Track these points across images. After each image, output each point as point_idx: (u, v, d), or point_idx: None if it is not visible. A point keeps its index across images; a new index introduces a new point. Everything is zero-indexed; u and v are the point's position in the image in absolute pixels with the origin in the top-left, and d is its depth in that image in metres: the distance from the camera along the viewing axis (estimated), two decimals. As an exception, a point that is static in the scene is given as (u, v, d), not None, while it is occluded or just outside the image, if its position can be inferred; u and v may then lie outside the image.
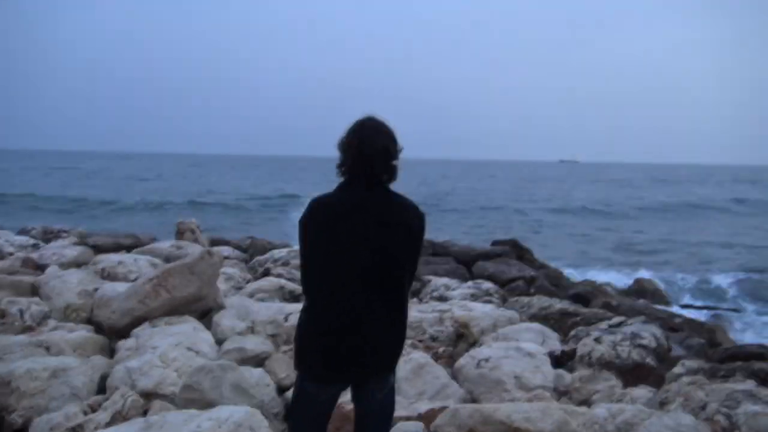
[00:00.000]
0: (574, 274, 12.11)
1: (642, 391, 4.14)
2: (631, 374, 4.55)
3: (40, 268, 7.17)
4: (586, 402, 4.08)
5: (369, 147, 2.29)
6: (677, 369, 4.32)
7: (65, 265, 7.32)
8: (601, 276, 13.24)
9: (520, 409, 3.35)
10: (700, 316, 9.82)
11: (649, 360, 4.66)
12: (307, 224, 2.35)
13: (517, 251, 10.11)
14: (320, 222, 2.31)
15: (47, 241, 9.29)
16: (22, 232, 10.20)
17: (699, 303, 11.98)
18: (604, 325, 5.37)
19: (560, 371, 4.49)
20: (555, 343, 5.03)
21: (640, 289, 11.56)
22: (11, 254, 7.92)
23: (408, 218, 2.37)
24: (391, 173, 2.35)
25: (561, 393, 4.26)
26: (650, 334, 4.93)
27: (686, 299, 12.36)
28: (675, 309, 9.83)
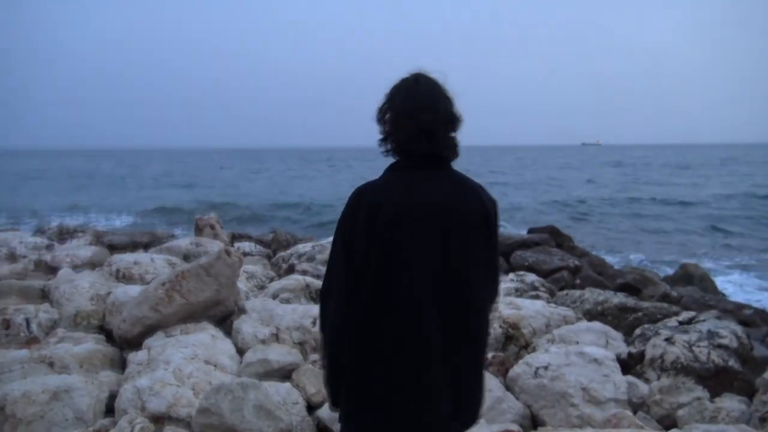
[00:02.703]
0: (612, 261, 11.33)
1: (733, 403, 3.55)
2: (713, 381, 3.94)
3: (53, 270, 6.78)
4: (670, 417, 3.49)
5: (429, 112, 1.65)
6: (769, 374, 3.70)
7: (79, 267, 6.93)
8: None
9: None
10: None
11: (733, 363, 4.03)
12: (343, 227, 1.67)
13: (557, 238, 9.50)
14: (365, 224, 1.61)
15: (63, 241, 8.93)
16: (39, 232, 9.88)
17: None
18: (672, 321, 4.75)
19: (632, 379, 3.87)
20: (619, 345, 4.40)
21: (686, 275, 10.73)
22: (24, 257, 7.54)
23: (485, 209, 1.71)
24: (454, 149, 1.73)
25: (636, 406, 3.67)
26: (730, 331, 4.29)
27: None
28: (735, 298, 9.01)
